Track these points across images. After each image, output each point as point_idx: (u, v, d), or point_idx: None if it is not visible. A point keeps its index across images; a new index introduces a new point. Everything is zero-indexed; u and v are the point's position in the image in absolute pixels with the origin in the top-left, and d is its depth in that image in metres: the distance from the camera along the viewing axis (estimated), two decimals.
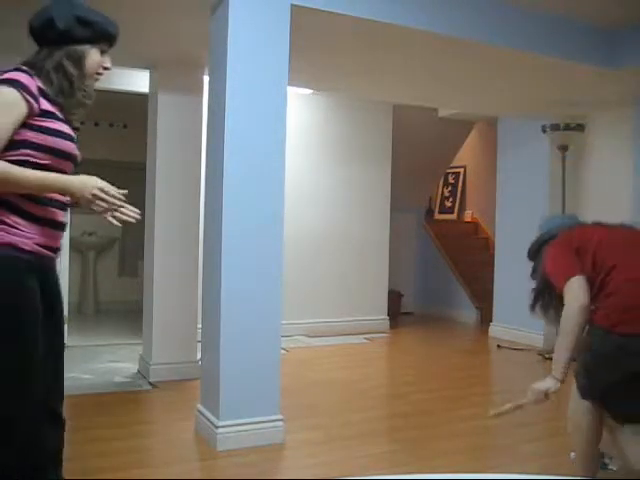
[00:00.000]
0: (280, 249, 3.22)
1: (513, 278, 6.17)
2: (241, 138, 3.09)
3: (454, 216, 8.69)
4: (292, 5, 3.15)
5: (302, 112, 6.14)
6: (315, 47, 3.92)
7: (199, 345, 3.73)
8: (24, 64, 1.87)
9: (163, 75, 4.35)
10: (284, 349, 5.09)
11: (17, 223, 1.78)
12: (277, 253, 3.20)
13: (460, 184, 8.73)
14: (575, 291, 2.33)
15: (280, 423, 3.19)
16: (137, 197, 5.35)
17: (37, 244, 1.81)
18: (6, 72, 1.80)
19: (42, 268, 1.86)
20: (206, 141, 3.44)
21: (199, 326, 3.94)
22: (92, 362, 4.73)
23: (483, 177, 8.19)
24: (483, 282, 7.03)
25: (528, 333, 5.91)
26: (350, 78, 4.89)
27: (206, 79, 3.92)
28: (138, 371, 4.51)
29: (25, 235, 1.79)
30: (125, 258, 7.44)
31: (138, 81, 4.90)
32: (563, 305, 2.37)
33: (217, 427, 3.06)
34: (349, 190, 6.48)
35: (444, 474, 1.25)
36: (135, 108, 5.36)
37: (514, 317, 6.09)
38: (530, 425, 3.57)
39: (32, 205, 1.81)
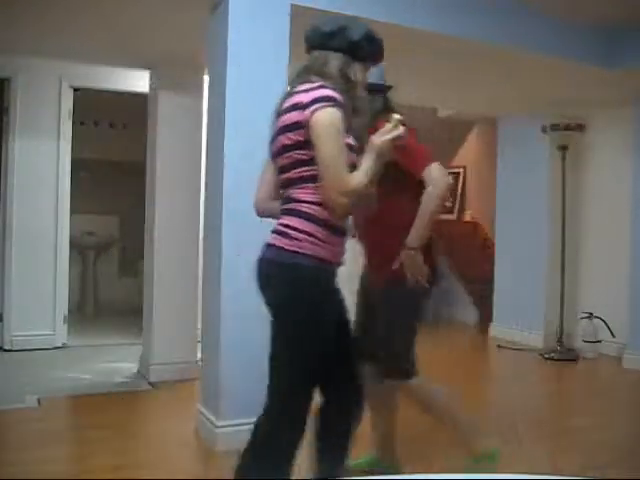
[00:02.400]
0: None
1: (513, 278, 6.18)
2: (241, 138, 3.09)
3: (454, 216, 8.68)
4: (292, 5, 3.15)
5: None
6: None
7: (199, 345, 3.73)
8: (306, 69, 1.95)
9: (163, 75, 4.35)
10: None
11: (325, 236, 1.86)
12: None
13: (460, 184, 8.72)
14: (443, 171, 2.37)
15: None
16: (137, 197, 5.29)
17: (339, 254, 1.92)
18: (318, 89, 1.83)
19: (335, 277, 1.95)
20: (206, 141, 3.44)
21: (199, 326, 3.94)
22: (92, 362, 4.72)
23: (483, 177, 8.17)
24: (483, 282, 7.02)
25: (528, 333, 5.90)
26: None
27: (206, 79, 3.92)
28: (138, 371, 4.51)
29: (330, 248, 1.88)
30: (125, 258, 7.42)
31: (138, 81, 4.90)
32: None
33: (217, 427, 3.06)
34: None
35: (444, 474, 1.24)
36: (135, 108, 5.35)
37: (514, 317, 6.08)
38: (529, 425, 3.57)
39: (333, 217, 1.87)
